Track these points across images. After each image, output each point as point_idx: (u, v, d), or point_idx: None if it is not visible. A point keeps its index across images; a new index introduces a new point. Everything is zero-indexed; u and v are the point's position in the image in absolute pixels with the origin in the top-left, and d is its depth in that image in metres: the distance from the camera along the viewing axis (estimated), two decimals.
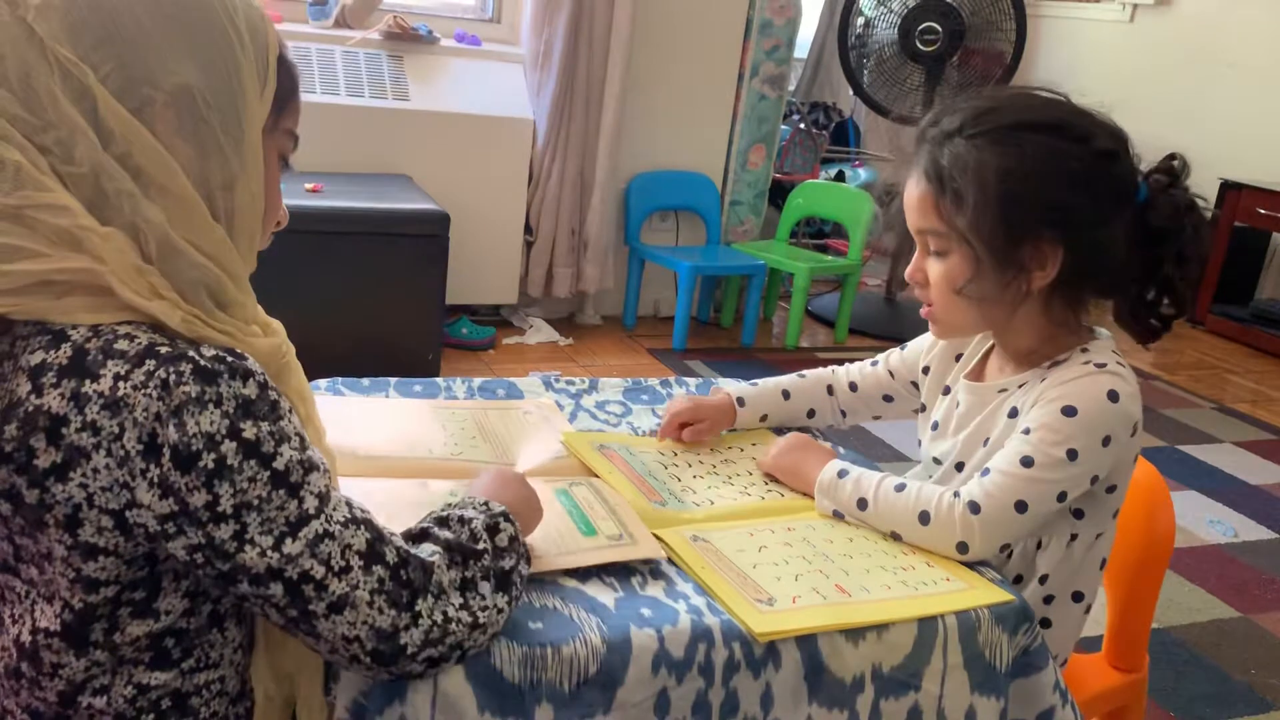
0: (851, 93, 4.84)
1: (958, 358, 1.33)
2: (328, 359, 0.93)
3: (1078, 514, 1.19)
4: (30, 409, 0.72)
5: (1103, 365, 1.14)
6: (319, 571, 0.77)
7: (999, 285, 1.15)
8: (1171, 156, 1.18)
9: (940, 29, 4.24)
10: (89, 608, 0.77)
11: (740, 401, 1.40)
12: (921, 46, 4.28)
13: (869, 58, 4.42)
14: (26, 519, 0.74)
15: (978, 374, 1.29)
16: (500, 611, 0.88)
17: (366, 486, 1.09)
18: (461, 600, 0.85)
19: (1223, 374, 4.36)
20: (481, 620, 0.86)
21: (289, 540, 0.76)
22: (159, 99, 0.77)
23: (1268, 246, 4.96)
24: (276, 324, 0.93)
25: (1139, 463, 1.34)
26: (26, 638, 0.79)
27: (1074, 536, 1.19)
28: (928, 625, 1.03)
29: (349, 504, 0.82)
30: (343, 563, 0.78)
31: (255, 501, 0.74)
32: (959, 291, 1.16)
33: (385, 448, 1.23)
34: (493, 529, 0.90)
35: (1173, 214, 1.15)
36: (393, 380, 1.44)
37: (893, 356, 1.42)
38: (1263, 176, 4.72)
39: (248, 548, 0.75)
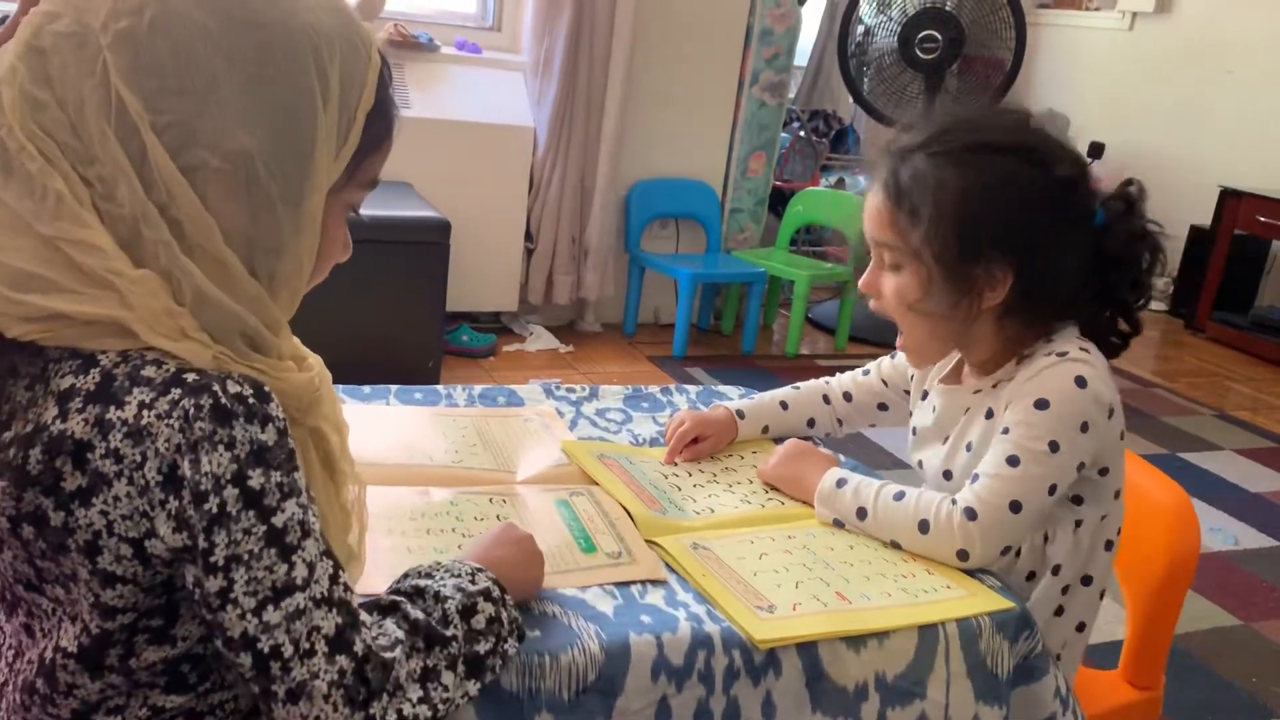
0: (851, 100, 4.85)
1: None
2: (328, 366, 0.93)
3: (1077, 500, 1.19)
4: (55, 433, 0.71)
5: (1065, 354, 1.15)
6: (288, 650, 0.73)
7: (949, 304, 1.16)
8: (1128, 182, 1.19)
9: (940, 37, 4.24)
10: (105, 634, 0.76)
11: (740, 414, 1.40)
12: (921, 54, 4.28)
13: (869, 65, 4.42)
14: (50, 542, 0.73)
15: (954, 377, 1.30)
16: (466, 697, 0.83)
17: (366, 494, 1.09)
18: (421, 693, 0.79)
19: (1223, 381, 4.36)
20: (441, 712, 0.80)
21: (270, 607, 0.72)
22: (213, 163, 0.73)
23: (1267, 254, 4.97)
24: (314, 358, 0.90)
25: (1165, 483, 1.36)
26: (50, 655, 0.78)
27: (1079, 523, 1.20)
28: (929, 633, 1.03)
29: (333, 579, 0.77)
30: (308, 645, 0.74)
31: (245, 556, 0.72)
32: (910, 308, 1.18)
33: (386, 455, 1.23)
34: (468, 610, 0.84)
35: (1127, 241, 1.17)
36: (393, 388, 1.45)
37: (884, 364, 1.43)
38: (1262, 184, 4.72)
39: (229, 607, 0.72)
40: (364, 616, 0.80)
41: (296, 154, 0.76)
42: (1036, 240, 1.13)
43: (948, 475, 1.26)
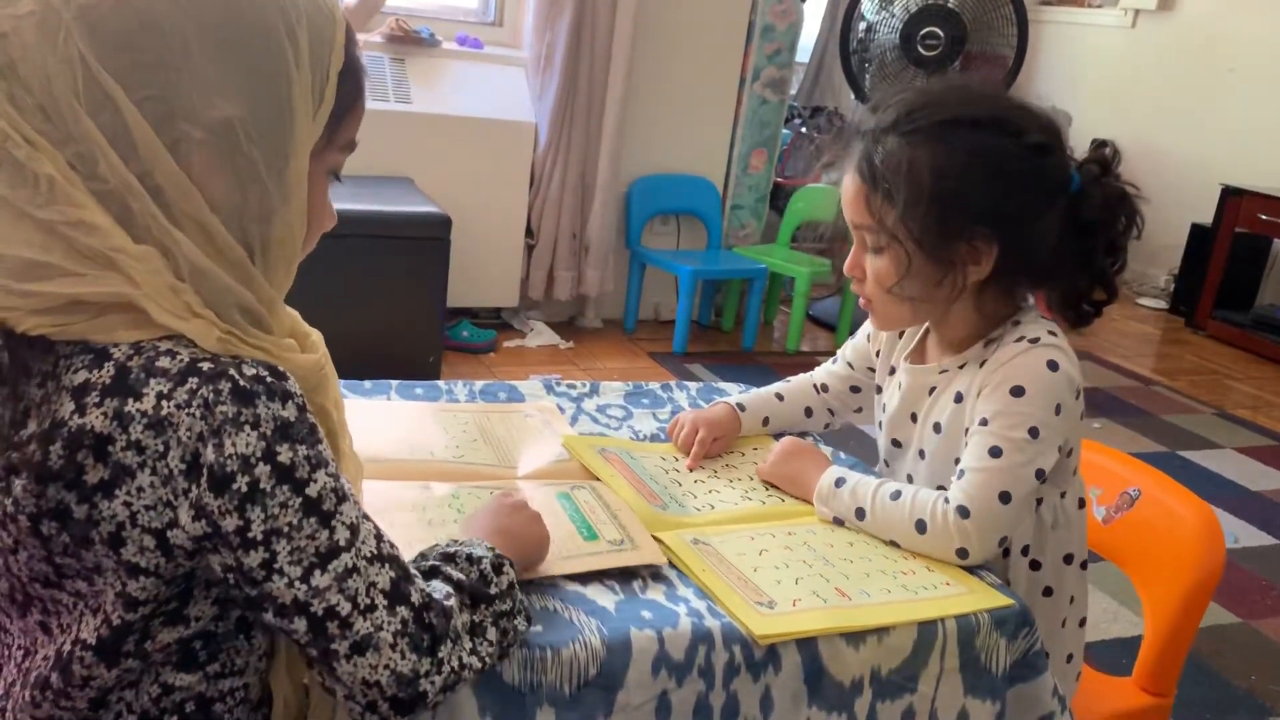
0: (853, 97, 4.85)
1: (901, 334, 1.34)
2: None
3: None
4: (74, 428, 0.71)
5: (1036, 340, 1.16)
6: (345, 608, 0.74)
7: (932, 283, 1.16)
8: (1102, 144, 1.19)
9: (942, 34, 4.24)
10: (126, 624, 0.76)
11: (741, 407, 1.40)
12: (923, 51, 4.28)
13: (871, 62, 4.42)
14: (73, 536, 0.73)
15: (919, 355, 1.30)
16: (495, 647, 0.85)
17: (368, 488, 1.09)
18: (471, 645, 0.82)
19: (1223, 379, 4.36)
20: (488, 665, 0.84)
21: (318, 572, 0.74)
22: (196, 135, 0.73)
23: (1269, 252, 4.96)
24: (316, 336, 0.91)
25: (1190, 498, 1.37)
26: (67, 648, 0.78)
27: (1039, 501, 1.20)
28: (927, 629, 1.03)
29: (378, 537, 0.79)
30: (368, 600, 0.75)
31: (285, 529, 0.73)
32: (890, 291, 1.17)
33: (387, 450, 1.23)
34: (498, 568, 0.87)
35: (1104, 204, 1.16)
36: (394, 383, 1.45)
37: (847, 349, 1.44)
38: (1264, 182, 4.72)
39: (275, 577, 0.73)
40: (414, 570, 0.81)
41: (276, 118, 0.76)
42: (1016, 211, 1.13)
43: (921, 454, 1.27)
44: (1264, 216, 4.63)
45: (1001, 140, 1.13)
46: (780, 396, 1.44)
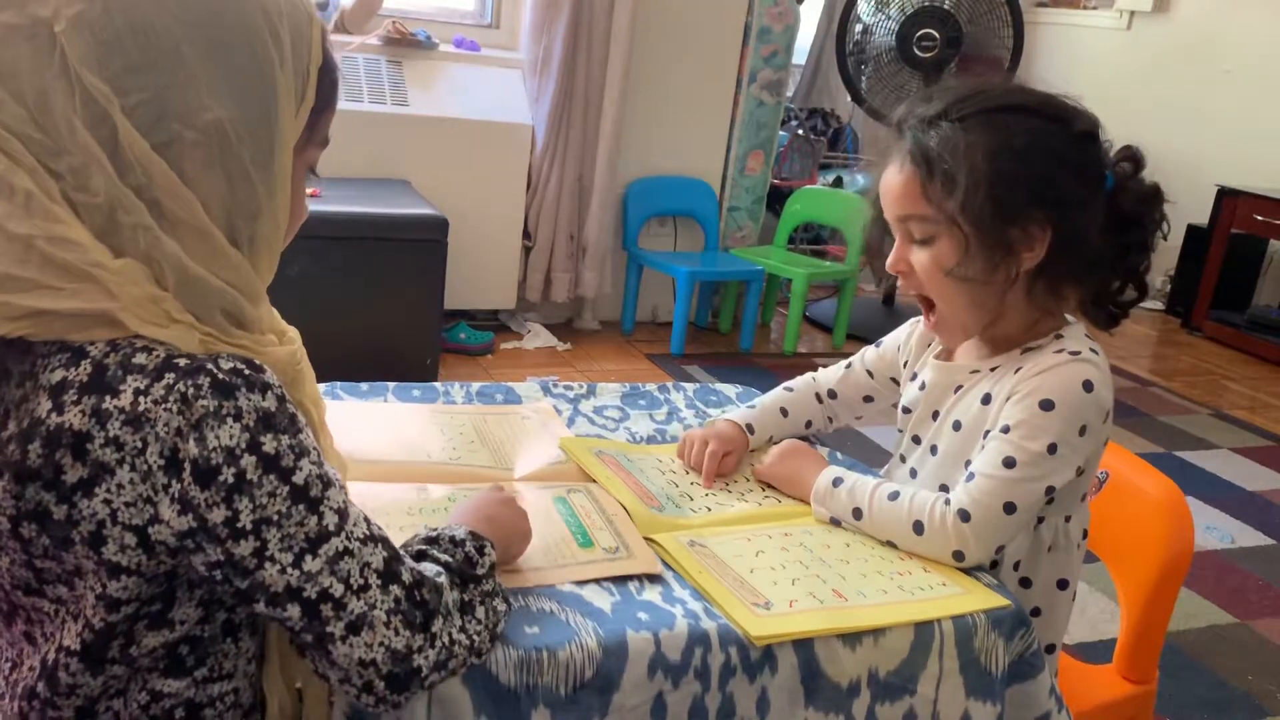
0: (849, 99, 4.85)
1: (930, 344, 1.33)
2: (326, 364, 0.93)
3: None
4: (52, 427, 0.71)
5: (1077, 354, 1.14)
6: (338, 590, 0.76)
7: (988, 267, 1.14)
8: (1129, 148, 1.19)
9: (938, 36, 4.25)
10: (109, 627, 0.76)
11: (750, 429, 1.37)
12: (919, 53, 4.29)
13: (867, 64, 4.42)
14: (53, 538, 0.73)
15: (947, 354, 1.29)
16: (483, 627, 0.87)
17: (364, 490, 1.09)
18: (461, 623, 0.84)
19: (1219, 380, 4.36)
20: (477, 644, 0.85)
21: (309, 557, 0.75)
22: (188, 136, 0.74)
23: (1265, 253, 4.97)
24: (293, 331, 0.91)
25: (1157, 478, 1.36)
26: (52, 656, 0.78)
27: (1040, 520, 1.19)
28: (924, 630, 1.03)
29: (367, 520, 0.80)
30: (361, 581, 0.77)
31: (275, 517, 0.73)
32: (948, 274, 1.15)
33: (383, 452, 1.23)
34: (480, 549, 0.90)
35: (1141, 199, 1.16)
36: (391, 385, 1.44)
37: (868, 355, 1.42)
38: (1260, 183, 4.73)
39: (267, 564, 0.74)
40: (403, 552, 0.83)
41: (262, 116, 0.77)
42: (1067, 195, 1.12)
43: (933, 450, 1.26)
44: (1260, 217, 4.64)
45: (1052, 126, 1.14)
46: (785, 412, 1.41)
